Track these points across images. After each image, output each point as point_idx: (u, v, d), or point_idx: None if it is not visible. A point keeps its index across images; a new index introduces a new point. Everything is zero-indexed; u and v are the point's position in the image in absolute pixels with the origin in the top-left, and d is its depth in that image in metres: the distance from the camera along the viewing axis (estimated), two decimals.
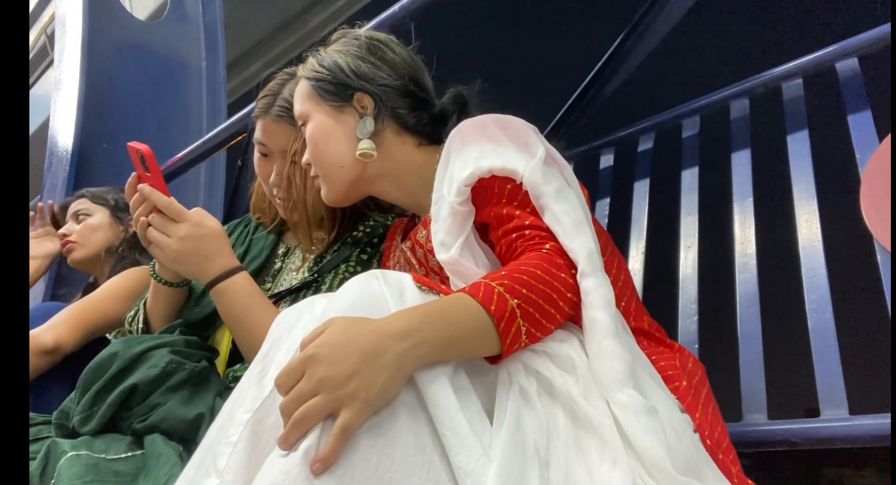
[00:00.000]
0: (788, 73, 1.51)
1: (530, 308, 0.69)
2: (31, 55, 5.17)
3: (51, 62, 3.82)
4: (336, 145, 1.00)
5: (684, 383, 0.78)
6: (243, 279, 1.03)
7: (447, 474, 0.60)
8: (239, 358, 1.13)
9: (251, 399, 0.69)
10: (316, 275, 1.14)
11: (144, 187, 0.99)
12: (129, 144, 1.01)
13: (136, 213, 1.01)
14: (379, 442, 0.60)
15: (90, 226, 1.77)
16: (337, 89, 1.01)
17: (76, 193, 1.90)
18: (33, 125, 4.46)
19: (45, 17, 4.92)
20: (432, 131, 1.03)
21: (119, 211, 1.84)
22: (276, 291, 1.17)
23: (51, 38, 4.07)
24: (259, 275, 1.21)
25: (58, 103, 2.86)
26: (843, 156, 1.30)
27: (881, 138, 1.24)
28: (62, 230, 1.79)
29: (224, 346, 1.14)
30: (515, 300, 0.69)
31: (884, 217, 1.14)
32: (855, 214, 1.19)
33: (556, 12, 3.43)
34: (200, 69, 3.30)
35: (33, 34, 5.14)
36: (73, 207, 1.81)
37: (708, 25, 2.79)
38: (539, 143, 0.87)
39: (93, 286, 1.76)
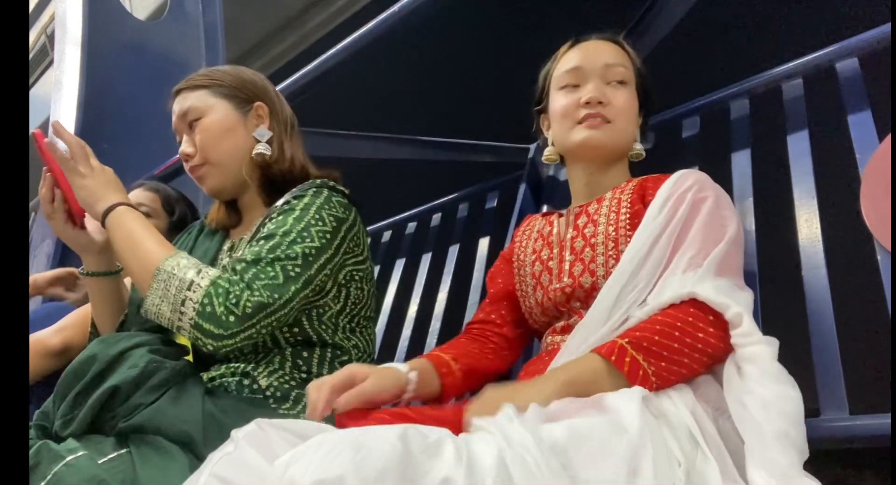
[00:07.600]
0: (788, 73, 1.50)
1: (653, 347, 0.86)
2: (31, 55, 5.17)
3: (51, 62, 3.82)
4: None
5: None
6: (130, 212, 1.08)
7: None
8: (212, 360, 1.12)
9: None
10: None
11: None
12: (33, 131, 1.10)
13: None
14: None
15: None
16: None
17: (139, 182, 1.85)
18: (33, 125, 4.46)
19: (45, 17, 4.93)
20: None
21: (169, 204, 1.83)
22: None
23: (51, 38, 4.07)
24: None
25: (58, 103, 2.86)
26: (843, 156, 1.29)
27: (881, 138, 1.24)
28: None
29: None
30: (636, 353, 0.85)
31: (884, 217, 1.13)
32: (855, 214, 1.19)
33: (556, 12, 3.43)
34: (200, 69, 3.30)
35: (33, 34, 5.14)
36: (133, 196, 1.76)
37: (708, 25, 2.79)
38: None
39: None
